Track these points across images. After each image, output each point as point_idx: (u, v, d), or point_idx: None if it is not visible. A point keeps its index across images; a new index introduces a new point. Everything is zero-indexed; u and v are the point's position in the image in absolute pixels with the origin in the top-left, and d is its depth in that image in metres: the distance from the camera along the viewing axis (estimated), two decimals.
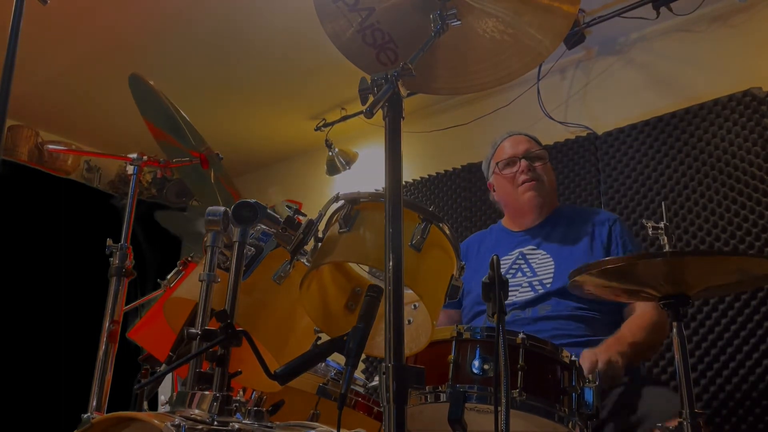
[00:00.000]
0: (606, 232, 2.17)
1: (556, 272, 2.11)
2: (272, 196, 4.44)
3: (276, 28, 3.30)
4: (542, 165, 2.34)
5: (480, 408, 1.41)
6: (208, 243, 1.28)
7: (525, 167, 2.30)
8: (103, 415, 1.43)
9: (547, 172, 2.35)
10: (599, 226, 2.20)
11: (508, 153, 2.37)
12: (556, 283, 2.07)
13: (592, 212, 2.37)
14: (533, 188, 2.29)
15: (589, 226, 2.21)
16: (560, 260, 2.14)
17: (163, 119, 1.69)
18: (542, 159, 2.35)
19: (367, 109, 1.13)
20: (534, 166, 2.32)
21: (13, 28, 1.38)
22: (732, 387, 2.50)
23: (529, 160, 2.32)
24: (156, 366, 1.76)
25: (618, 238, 2.15)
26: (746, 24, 2.91)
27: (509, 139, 2.41)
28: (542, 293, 2.08)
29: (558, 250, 2.18)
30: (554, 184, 2.40)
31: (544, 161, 2.35)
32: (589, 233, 2.18)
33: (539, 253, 2.19)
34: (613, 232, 2.16)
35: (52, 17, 3.16)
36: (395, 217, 1.07)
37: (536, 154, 2.34)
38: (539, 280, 2.11)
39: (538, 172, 2.32)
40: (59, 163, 4.29)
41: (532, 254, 2.20)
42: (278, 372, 1.15)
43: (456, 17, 1.37)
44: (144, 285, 3.65)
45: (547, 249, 2.19)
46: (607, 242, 2.15)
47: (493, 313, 1.19)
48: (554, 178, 2.41)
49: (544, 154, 2.37)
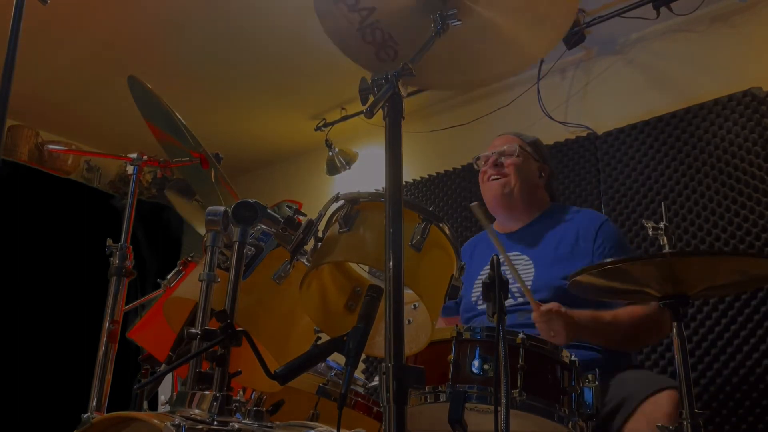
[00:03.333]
0: (592, 235, 2.12)
1: (535, 280, 2.08)
2: (272, 196, 4.44)
3: (276, 28, 3.30)
4: (513, 161, 2.28)
5: (480, 408, 1.41)
6: (208, 243, 1.28)
7: (492, 161, 2.30)
8: (103, 415, 1.43)
9: (520, 169, 2.28)
10: (586, 229, 2.15)
11: (489, 150, 2.36)
12: (534, 285, 2.05)
13: (582, 214, 2.29)
14: (498, 184, 2.27)
15: (575, 228, 2.17)
16: (541, 267, 2.11)
17: (162, 120, 1.69)
18: (513, 155, 2.29)
19: (368, 109, 1.13)
20: (503, 162, 2.29)
21: (13, 28, 1.38)
22: (732, 387, 2.50)
23: (500, 155, 2.30)
24: (156, 366, 1.76)
25: (603, 243, 2.10)
26: (746, 24, 2.91)
27: (497, 138, 2.42)
28: (521, 301, 2.05)
29: (541, 256, 2.14)
30: (535, 183, 2.33)
31: (517, 158, 2.29)
32: (575, 235, 2.14)
33: (522, 258, 2.16)
34: (599, 237, 2.11)
35: (52, 17, 3.16)
36: (395, 217, 1.07)
37: (508, 151, 2.30)
38: (518, 287, 2.04)
39: (506, 169, 2.28)
40: (59, 163, 4.29)
41: (515, 259, 2.17)
42: (278, 372, 1.15)
43: (456, 17, 1.37)
44: (144, 285, 3.66)
45: (531, 255, 2.16)
46: (592, 245, 2.10)
47: (493, 313, 1.19)
48: (537, 177, 2.34)
49: (514, 150, 2.30)
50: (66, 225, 3.96)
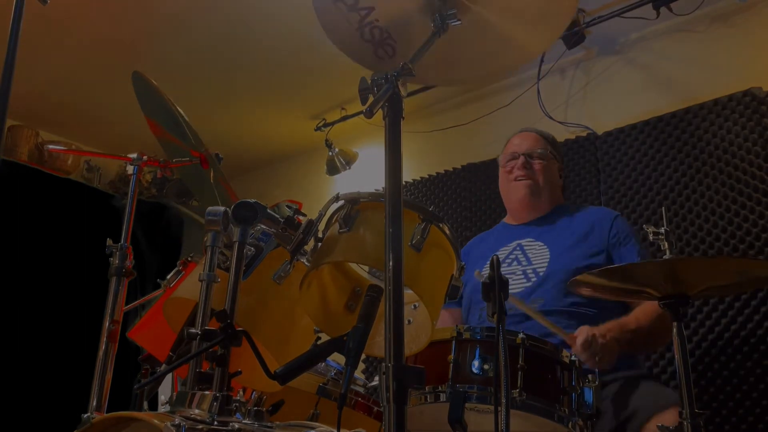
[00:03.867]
0: (608, 225, 2.18)
1: (550, 262, 2.13)
2: (272, 196, 4.44)
3: (276, 28, 3.30)
4: (541, 164, 2.35)
5: (480, 408, 1.41)
6: (208, 243, 1.28)
7: (521, 163, 2.34)
8: (103, 415, 1.43)
9: (546, 171, 2.36)
10: (601, 220, 2.22)
11: (512, 148, 2.41)
12: (549, 276, 2.08)
13: (595, 208, 2.42)
14: (525, 186, 2.32)
15: (591, 219, 2.23)
16: (555, 248, 2.16)
17: (164, 117, 1.69)
18: (542, 158, 2.35)
19: (367, 109, 1.13)
20: (532, 163, 2.34)
21: (13, 28, 1.38)
22: (732, 387, 2.50)
23: (529, 157, 2.34)
24: (156, 366, 1.76)
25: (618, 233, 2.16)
26: (746, 24, 2.91)
27: (518, 134, 2.46)
28: (534, 281, 2.09)
29: (555, 240, 2.20)
30: (556, 183, 2.41)
31: (544, 161, 2.36)
32: (590, 225, 2.20)
33: (537, 244, 2.22)
34: (614, 227, 2.18)
35: (52, 17, 3.16)
36: (395, 217, 1.07)
37: (538, 153, 2.36)
38: (533, 269, 2.13)
39: (534, 170, 2.34)
40: (59, 163, 4.29)
41: (529, 245, 2.22)
42: (278, 372, 1.15)
43: (456, 17, 1.37)
44: (144, 285, 3.66)
45: (545, 240, 2.22)
46: (608, 234, 2.15)
47: (493, 313, 1.19)
48: (558, 177, 2.42)
49: (544, 153, 2.37)
50: (66, 225, 3.95)
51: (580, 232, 2.19)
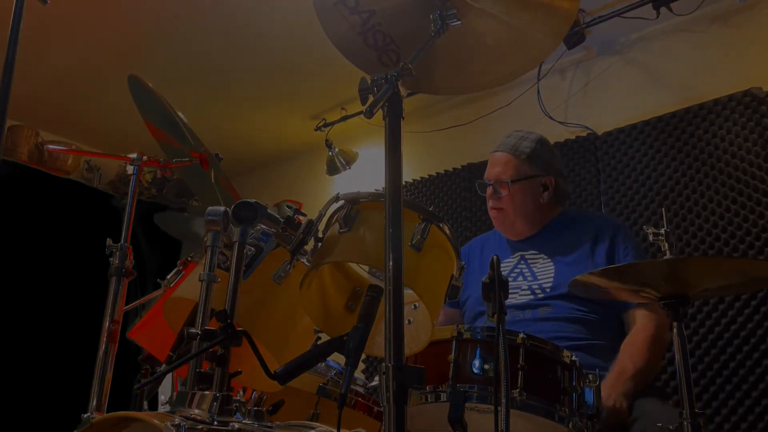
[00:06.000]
0: (609, 238, 2.12)
1: (555, 277, 2.09)
2: (272, 196, 4.44)
3: (276, 28, 3.30)
4: (509, 192, 2.21)
5: (480, 408, 1.41)
6: (208, 243, 1.28)
7: (489, 194, 2.26)
8: (103, 415, 1.43)
9: (518, 196, 2.21)
10: (603, 231, 2.15)
11: (486, 172, 2.29)
12: (556, 290, 2.06)
13: (597, 217, 2.32)
14: (496, 218, 2.27)
15: (592, 231, 2.16)
16: (561, 266, 2.11)
17: (162, 120, 1.69)
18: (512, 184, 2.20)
19: (367, 109, 1.13)
20: (500, 192, 2.23)
21: (13, 28, 1.38)
22: (732, 387, 2.50)
23: (498, 184, 2.23)
24: (156, 366, 1.76)
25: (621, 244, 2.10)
26: (746, 24, 2.91)
27: (492, 154, 2.31)
28: (542, 297, 2.07)
29: (559, 255, 2.15)
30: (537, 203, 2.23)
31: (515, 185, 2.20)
32: (592, 238, 2.14)
33: (540, 257, 2.17)
34: (617, 238, 2.11)
35: (52, 17, 3.16)
36: (395, 217, 1.07)
37: (504, 182, 2.21)
38: (539, 285, 2.09)
39: (502, 200, 2.22)
40: (59, 163, 4.29)
41: (533, 258, 2.18)
42: (278, 372, 1.15)
43: (456, 17, 1.37)
44: (144, 285, 3.67)
45: (549, 253, 2.16)
46: (609, 248, 2.09)
47: (493, 313, 1.19)
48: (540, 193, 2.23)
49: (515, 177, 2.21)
50: (66, 225, 3.96)
51: (584, 246, 2.13)
